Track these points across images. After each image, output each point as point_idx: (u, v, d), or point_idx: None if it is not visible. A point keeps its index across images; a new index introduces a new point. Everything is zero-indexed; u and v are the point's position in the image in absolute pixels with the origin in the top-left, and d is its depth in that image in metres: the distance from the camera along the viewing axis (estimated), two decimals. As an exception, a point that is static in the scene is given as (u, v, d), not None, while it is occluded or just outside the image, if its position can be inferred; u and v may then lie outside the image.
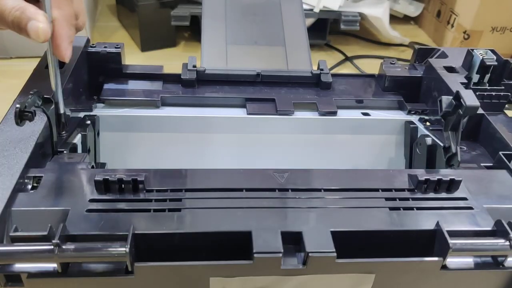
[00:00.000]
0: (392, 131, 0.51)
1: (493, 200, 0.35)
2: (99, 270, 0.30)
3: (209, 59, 0.52)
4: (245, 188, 0.35)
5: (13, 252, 0.28)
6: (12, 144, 0.36)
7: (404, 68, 0.54)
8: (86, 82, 0.50)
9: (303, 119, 0.49)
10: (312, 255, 0.29)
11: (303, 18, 0.58)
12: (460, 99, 0.38)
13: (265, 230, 0.30)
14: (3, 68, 0.85)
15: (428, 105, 0.51)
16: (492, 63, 0.47)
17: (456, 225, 0.33)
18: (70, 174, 0.35)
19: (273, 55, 0.54)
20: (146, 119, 0.48)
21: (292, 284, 0.31)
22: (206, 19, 0.56)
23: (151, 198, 0.33)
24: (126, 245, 0.28)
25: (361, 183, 0.36)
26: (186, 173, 0.36)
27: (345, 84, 0.54)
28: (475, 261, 0.32)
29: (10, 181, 0.32)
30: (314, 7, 0.89)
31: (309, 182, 0.36)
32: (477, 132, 0.46)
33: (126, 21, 1.01)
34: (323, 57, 0.96)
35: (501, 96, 0.47)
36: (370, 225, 0.32)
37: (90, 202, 0.32)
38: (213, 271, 0.30)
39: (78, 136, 0.43)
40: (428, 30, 1.09)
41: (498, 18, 0.92)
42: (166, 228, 0.31)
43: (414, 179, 0.36)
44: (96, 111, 0.48)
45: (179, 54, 0.94)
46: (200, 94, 0.51)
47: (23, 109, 0.35)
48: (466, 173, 0.38)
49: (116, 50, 0.50)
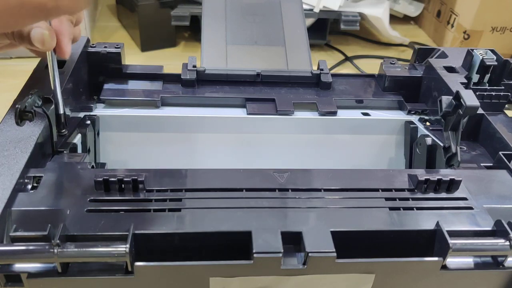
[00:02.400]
0: (392, 131, 0.51)
1: (493, 200, 0.35)
2: (99, 270, 0.30)
3: (209, 59, 0.52)
4: (245, 188, 0.35)
5: (13, 252, 0.28)
6: (12, 144, 0.36)
7: (404, 68, 0.54)
8: (86, 82, 0.50)
9: (303, 119, 0.49)
10: (312, 255, 0.29)
11: (303, 18, 0.58)
12: (460, 99, 0.38)
13: (265, 230, 0.30)
14: (3, 68, 0.85)
15: (428, 105, 0.51)
16: (492, 63, 0.47)
17: (456, 225, 0.33)
18: (70, 174, 0.35)
19: (273, 55, 0.54)
20: (146, 119, 0.48)
21: (292, 284, 0.31)
22: (206, 19, 0.56)
23: (151, 198, 0.33)
24: (126, 245, 0.28)
25: (361, 183, 0.36)
26: (186, 173, 0.36)
27: (345, 84, 0.54)
28: (475, 261, 0.32)
29: (10, 181, 0.32)
30: (314, 7, 0.89)
31: (309, 182, 0.36)
32: (477, 132, 0.46)
33: (126, 21, 1.01)
34: (323, 57, 0.96)
35: (501, 96, 0.47)
36: (370, 225, 0.32)
37: (90, 202, 0.32)
38: (213, 271, 0.30)
39: (78, 136, 0.43)
40: (428, 30, 1.09)
41: (498, 18, 0.92)
42: (166, 228, 0.31)
43: (414, 179, 0.36)
44: (96, 111, 0.48)
45: (179, 54, 0.94)
46: (200, 94, 0.51)
47: (23, 109, 0.35)
48: (466, 173, 0.38)
49: (116, 50, 0.50)
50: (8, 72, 0.83)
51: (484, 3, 0.90)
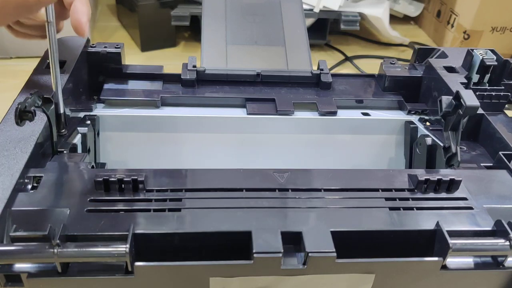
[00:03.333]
0: (392, 131, 0.51)
1: (493, 200, 0.35)
2: (99, 270, 0.30)
3: (209, 59, 0.52)
4: (245, 188, 0.35)
5: (13, 252, 0.28)
6: (12, 144, 0.36)
7: (404, 68, 0.54)
8: (86, 82, 0.50)
9: (303, 119, 0.49)
10: (312, 255, 0.29)
11: (303, 18, 0.58)
12: (460, 99, 0.38)
13: (265, 230, 0.30)
14: (3, 68, 0.85)
15: (428, 105, 0.51)
16: (492, 63, 0.47)
17: (456, 225, 0.33)
18: (70, 174, 0.35)
19: (273, 55, 0.54)
20: (146, 119, 0.48)
21: (292, 284, 0.31)
22: (206, 19, 0.56)
23: (151, 198, 0.33)
24: (126, 245, 0.28)
25: (361, 183, 0.36)
26: (186, 173, 0.36)
27: (345, 84, 0.54)
28: (475, 261, 0.32)
29: (10, 181, 0.32)
30: (314, 7, 0.89)
31: (309, 182, 0.36)
32: (477, 132, 0.46)
33: (126, 21, 1.01)
34: (323, 57, 0.96)
35: (501, 96, 0.47)
36: (370, 225, 0.32)
37: (90, 202, 0.32)
38: (213, 271, 0.30)
39: (78, 136, 0.43)
40: (428, 30, 1.09)
41: (498, 18, 0.92)
42: (166, 228, 0.31)
43: (414, 179, 0.36)
44: (96, 111, 0.48)
45: (179, 54, 0.94)
46: (200, 94, 0.51)
47: (23, 109, 0.35)
48: (466, 173, 0.38)
49: (116, 50, 0.50)
50: (8, 72, 0.83)
51: (484, 3, 0.90)
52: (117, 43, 0.51)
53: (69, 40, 0.50)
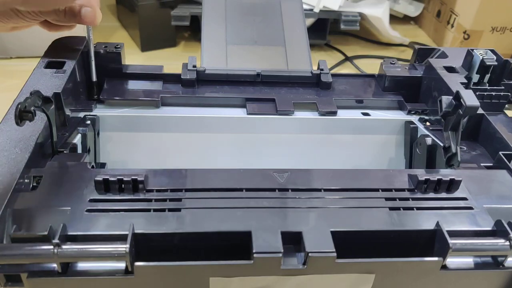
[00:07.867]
0: (392, 131, 0.51)
1: (493, 200, 0.35)
2: (99, 270, 0.30)
3: (209, 59, 0.52)
4: (245, 188, 0.35)
5: (13, 252, 0.28)
6: (12, 144, 0.36)
7: (404, 68, 0.54)
8: (86, 82, 0.50)
9: (303, 119, 0.49)
10: (312, 255, 0.29)
11: (303, 18, 0.58)
12: (460, 99, 0.38)
13: (265, 230, 0.30)
14: (3, 68, 0.85)
15: (428, 105, 0.51)
16: (492, 63, 0.47)
17: (456, 225, 0.33)
18: (70, 174, 0.35)
19: (273, 55, 0.54)
20: (146, 119, 0.48)
21: (292, 284, 0.31)
22: (206, 19, 0.56)
23: (151, 198, 0.33)
24: (126, 245, 0.28)
25: (361, 183, 0.36)
26: (186, 173, 0.36)
27: (345, 84, 0.54)
28: (475, 261, 0.32)
29: (10, 181, 0.32)
30: (314, 7, 0.89)
31: (309, 182, 0.36)
32: (477, 132, 0.46)
33: (126, 21, 1.01)
34: (323, 57, 0.96)
35: (501, 96, 0.47)
36: (370, 225, 0.32)
37: (90, 202, 0.32)
38: (213, 271, 0.30)
39: (78, 136, 0.43)
40: (428, 30, 1.09)
41: (498, 18, 0.92)
42: (166, 228, 0.31)
43: (414, 179, 0.36)
44: (96, 111, 0.48)
45: (179, 54, 0.94)
46: (200, 94, 0.51)
47: (23, 109, 0.35)
48: (466, 173, 0.38)
49: (116, 50, 0.50)
50: (8, 72, 0.83)
51: (484, 3, 0.90)
52: (117, 43, 0.51)
53: (69, 40, 0.50)
